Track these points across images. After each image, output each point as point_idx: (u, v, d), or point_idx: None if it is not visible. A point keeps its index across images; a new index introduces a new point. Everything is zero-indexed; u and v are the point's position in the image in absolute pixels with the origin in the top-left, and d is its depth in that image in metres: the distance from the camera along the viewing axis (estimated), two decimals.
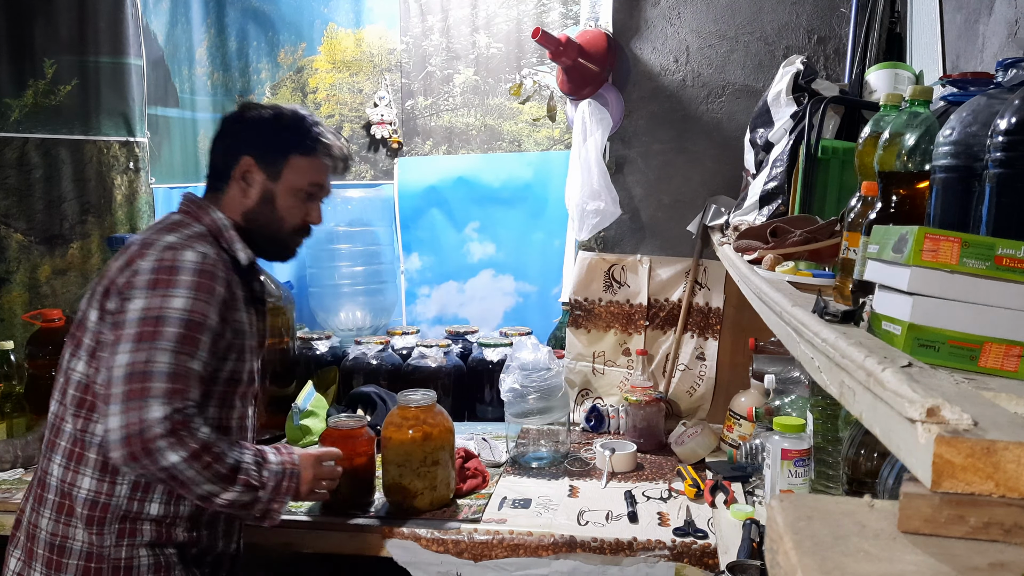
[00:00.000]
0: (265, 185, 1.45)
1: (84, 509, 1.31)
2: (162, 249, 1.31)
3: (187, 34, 2.77)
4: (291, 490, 1.37)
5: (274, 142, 1.45)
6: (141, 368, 1.22)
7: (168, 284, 1.27)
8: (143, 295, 1.26)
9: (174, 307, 1.26)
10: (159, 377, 1.22)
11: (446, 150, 2.71)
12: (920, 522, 0.46)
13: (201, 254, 1.31)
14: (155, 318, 1.25)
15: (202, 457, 1.23)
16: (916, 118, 0.85)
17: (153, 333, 1.24)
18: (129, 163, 2.59)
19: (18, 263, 2.57)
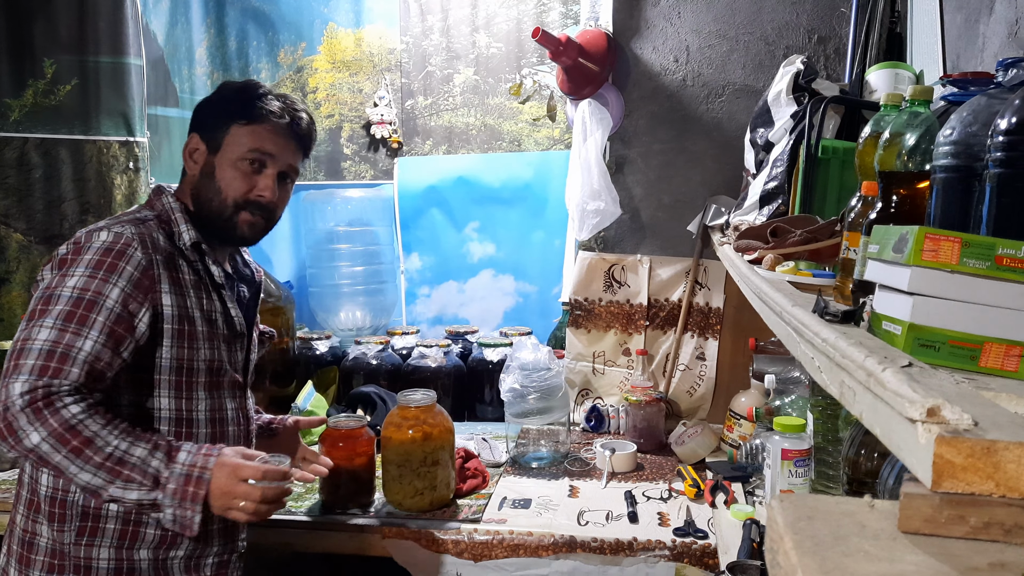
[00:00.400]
0: (207, 159, 1.40)
1: (47, 505, 1.28)
2: (84, 232, 1.28)
3: (187, 34, 2.77)
4: (198, 498, 1.19)
5: (215, 114, 1.41)
6: (20, 346, 1.18)
7: (71, 264, 1.24)
8: (47, 276, 1.25)
9: (67, 285, 1.21)
10: (33, 354, 1.16)
11: (446, 150, 2.71)
12: (920, 522, 0.46)
13: (116, 234, 1.26)
14: (48, 297, 1.21)
15: (67, 439, 1.13)
16: (916, 118, 0.85)
17: (42, 311, 1.20)
18: (129, 163, 2.59)
19: (18, 263, 2.57)
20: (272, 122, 1.39)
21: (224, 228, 1.40)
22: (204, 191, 1.39)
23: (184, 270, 1.34)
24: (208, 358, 1.36)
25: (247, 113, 1.38)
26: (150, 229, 1.32)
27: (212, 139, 1.39)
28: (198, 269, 1.38)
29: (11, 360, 1.17)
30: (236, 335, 1.43)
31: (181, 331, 1.32)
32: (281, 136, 1.41)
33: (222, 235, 1.42)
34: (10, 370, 1.16)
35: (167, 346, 1.31)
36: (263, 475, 1.23)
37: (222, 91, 1.45)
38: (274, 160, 1.40)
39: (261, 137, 1.39)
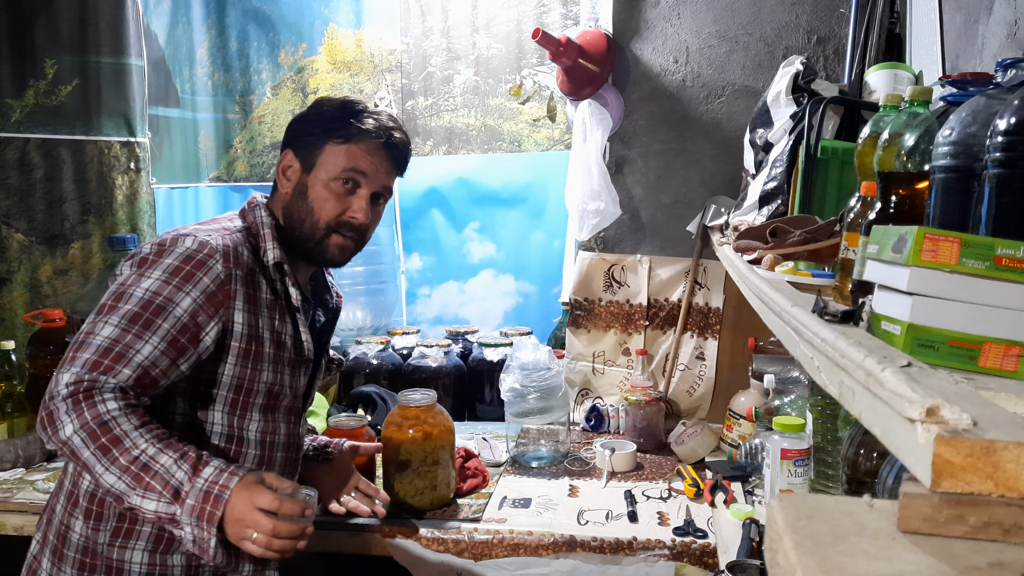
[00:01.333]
0: (300, 178, 1.36)
1: (85, 501, 1.26)
2: (172, 235, 1.25)
3: (188, 35, 2.77)
4: (214, 519, 1.10)
5: (311, 132, 1.37)
6: (81, 338, 1.16)
7: (151, 265, 1.21)
8: (126, 272, 1.23)
9: (140, 286, 1.19)
10: (90, 348, 1.14)
11: (446, 150, 2.71)
12: (919, 522, 0.47)
13: (200, 242, 1.23)
14: (120, 294, 1.19)
15: (97, 435, 1.09)
16: (915, 118, 0.85)
17: (111, 307, 1.18)
18: (130, 163, 2.59)
19: (19, 263, 2.57)
20: (368, 141, 1.36)
21: (314, 249, 1.37)
22: (296, 211, 1.36)
23: (263, 288, 1.31)
24: (269, 380, 1.33)
25: (342, 132, 1.34)
26: (236, 242, 1.28)
27: (306, 157, 1.36)
28: (276, 288, 1.34)
29: (70, 351, 1.15)
30: (302, 360, 1.39)
31: (248, 350, 1.28)
32: (376, 156, 1.37)
33: (310, 255, 1.39)
34: (66, 361, 1.14)
35: (231, 363, 1.28)
36: (279, 508, 1.11)
37: (319, 107, 1.40)
38: (368, 180, 1.37)
39: (356, 156, 1.35)
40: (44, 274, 2.59)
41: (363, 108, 1.39)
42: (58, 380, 1.12)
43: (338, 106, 1.38)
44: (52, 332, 2.18)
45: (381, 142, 1.37)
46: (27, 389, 2.17)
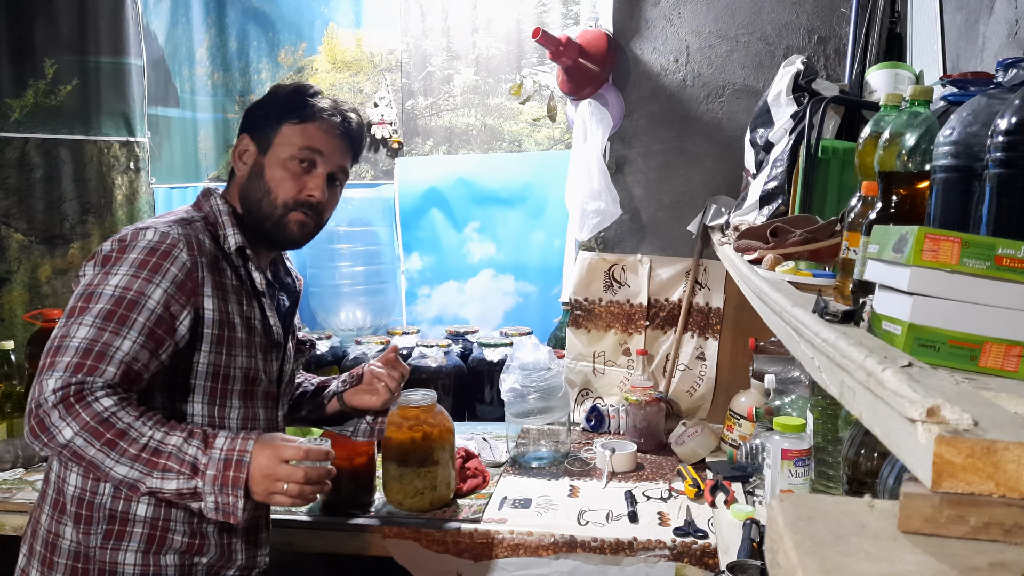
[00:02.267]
0: (256, 159, 1.37)
1: (73, 507, 1.25)
2: (131, 230, 1.26)
3: (187, 34, 2.77)
4: (239, 482, 1.14)
5: (265, 114, 1.39)
6: (57, 343, 1.16)
7: (115, 262, 1.21)
8: (90, 272, 1.23)
9: (109, 284, 1.19)
10: (70, 351, 1.14)
11: (446, 150, 2.71)
12: (920, 522, 0.46)
13: (162, 234, 1.23)
14: (89, 294, 1.19)
15: (100, 432, 1.11)
16: (916, 118, 0.85)
17: (82, 308, 1.17)
18: (129, 163, 2.59)
19: (18, 263, 2.57)
20: (322, 120, 1.37)
21: (273, 229, 1.38)
22: (253, 192, 1.37)
23: (227, 274, 1.31)
24: (244, 366, 1.33)
25: (298, 112, 1.36)
26: (196, 230, 1.28)
27: (262, 139, 1.37)
28: (240, 274, 1.35)
29: (47, 356, 1.15)
30: (273, 344, 1.40)
31: (220, 336, 1.29)
32: (331, 136, 1.38)
33: (271, 236, 1.39)
34: (45, 367, 1.14)
35: (205, 351, 1.28)
36: (305, 454, 1.17)
37: (274, 92, 1.42)
38: (324, 159, 1.38)
39: (311, 136, 1.36)
40: (43, 274, 2.59)
41: (317, 91, 1.40)
42: (43, 387, 1.11)
43: (293, 90, 1.40)
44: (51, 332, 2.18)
45: (336, 121, 1.39)
46: (27, 389, 2.17)
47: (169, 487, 1.13)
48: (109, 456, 1.11)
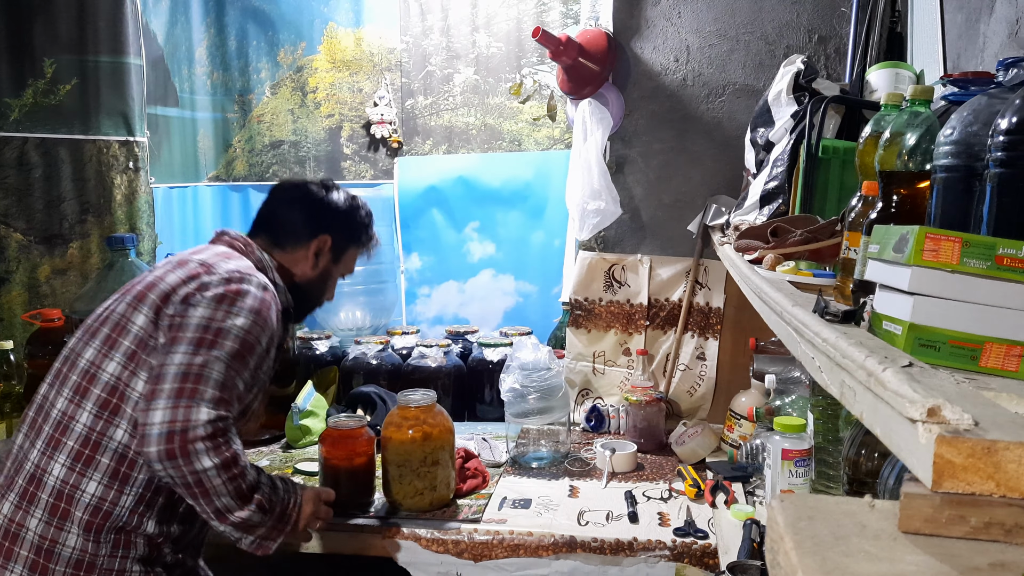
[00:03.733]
0: (327, 265, 1.58)
1: (84, 514, 1.26)
2: (229, 270, 1.37)
3: (187, 33, 2.77)
4: (291, 521, 1.38)
5: (349, 233, 1.61)
6: (196, 370, 1.25)
7: (233, 303, 1.32)
8: (208, 306, 1.31)
9: (236, 324, 1.31)
10: (211, 383, 1.25)
11: (446, 150, 2.70)
12: (921, 522, 0.46)
13: (263, 285, 1.39)
14: (217, 329, 1.29)
15: (231, 468, 1.25)
16: (917, 118, 0.85)
17: (212, 342, 1.28)
18: (129, 163, 2.59)
19: (18, 263, 2.57)
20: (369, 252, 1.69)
21: (302, 312, 1.62)
22: (313, 287, 1.58)
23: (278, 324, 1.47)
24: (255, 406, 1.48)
25: (363, 241, 1.65)
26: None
27: (337, 251, 1.59)
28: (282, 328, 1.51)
29: (186, 382, 1.24)
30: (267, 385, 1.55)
31: (264, 381, 1.45)
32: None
33: (295, 312, 1.58)
34: (188, 392, 1.23)
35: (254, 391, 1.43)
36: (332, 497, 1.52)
37: (360, 210, 1.64)
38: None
39: (357, 260, 1.67)
40: (43, 274, 2.59)
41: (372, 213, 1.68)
42: (194, 416, 1.22)
43: (368, 214, 1.66)
44: (50, 332, 2.18)
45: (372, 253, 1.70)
46: (26, 389, 2.17)
47: (250, 520, 1.31)
48: (226, 488, 1.25)
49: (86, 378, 1.32)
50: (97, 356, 1.33)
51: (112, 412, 1.30)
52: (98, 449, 1.29)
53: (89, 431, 1.29)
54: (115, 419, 1.30)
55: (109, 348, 1.33)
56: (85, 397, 1.31)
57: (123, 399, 1.30)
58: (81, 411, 1.30)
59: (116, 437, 1.29)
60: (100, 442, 1.29)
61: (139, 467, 1.29)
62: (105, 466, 1.28)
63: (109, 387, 1.30)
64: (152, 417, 1.21)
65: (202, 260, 1.39)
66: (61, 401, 1.33)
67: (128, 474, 1.29)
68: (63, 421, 1.31)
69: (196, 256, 1.42)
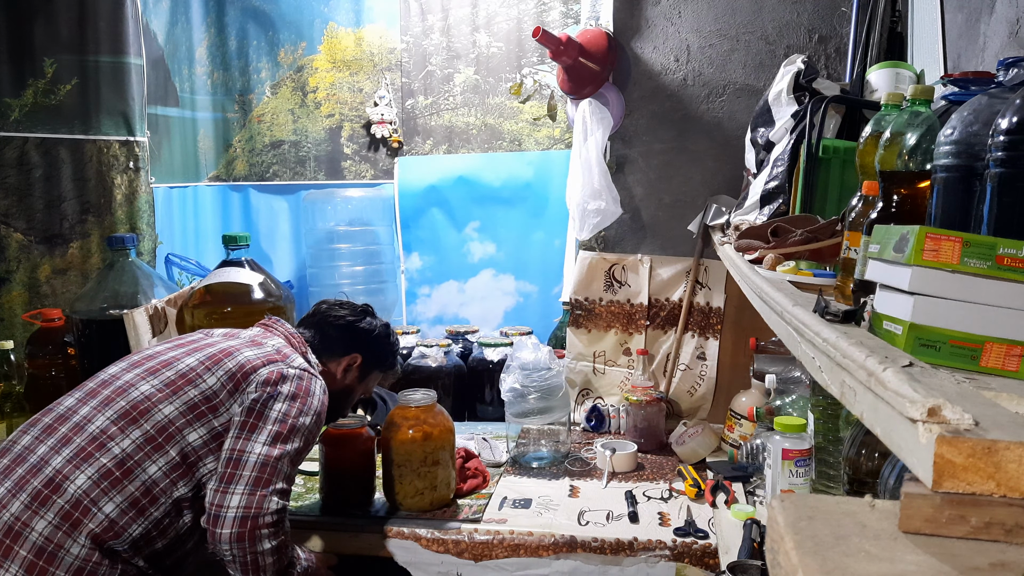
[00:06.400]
0: (353, 382, 1.70)
1: (97, 528, 1.28)
2: (302, 368, 1.50)
3: (187, 33, 2.77)
4: None
5: (377, 359, 1.73)
6: (274, 463, 1.37)
7: (304, 402, 1.45)
8: (287, 402, 1.43)
9: (305, 423, 1.43)
10: (282, 476, 1.38)
11: (446, 149, 2.70)
12: (921, 522, 0.46)
13: (323, 388, 1.52)
14: (292, 425, 1.41)
15: (282, 552, 1.38)
16: (917, 117, 0.85)
17: (288, 437, 1.40)
18: (129, 162, 2.59)
19: (18, 263, 2.57)
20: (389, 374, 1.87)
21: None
22: (338, 398, 1.68)
23: None
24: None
25: (387, 367, 1.79)
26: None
27: (364, 371, 1.72)
28: None
29: (264, 472, 1.36)
30: None
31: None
32: None
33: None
34: (264, 482, 1.36)
35: None
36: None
37: (390, 343, 1.77)
38: None
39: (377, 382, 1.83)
40: (43, 274, 2.59)
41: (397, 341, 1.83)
42: (265, 505, 1.35)
43: (396, 342, 1.81)
44: (51, 332, 2.18)
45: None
46: (26, 389, 2.17)
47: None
48: (273, 565, 1.37)
49: (137, 410, 1.38)
50: (156, 394, 1.40)
51: (155, 449, 1.35)
52: (129, 475, 1.32)
53: (127, 457, 1.33)
54: (155, 455, 1.35)
55: (172, 392, 1.40)
56: (133, 424, 1.36)
57: (168, 440, 1.37)
58: (124, 437, 1.35)
59: (150, 472, 1.34)
60: (133, 470, 1.33)
61: (159, 505, 1.34)
62: (129, 493, 1.32)
63: (160, 426, 1.37)
64: (230, 500, 1.33)
65: (276, 347, 1.53)
66: (101, 420, 1.37)
67: (146, 507, 1.33)
68: (100, 438, 1.34)
69: (267, 340, 1.55)
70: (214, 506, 1.33)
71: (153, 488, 1.33)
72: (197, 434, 1.38)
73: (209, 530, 1.34)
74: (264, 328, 1.62)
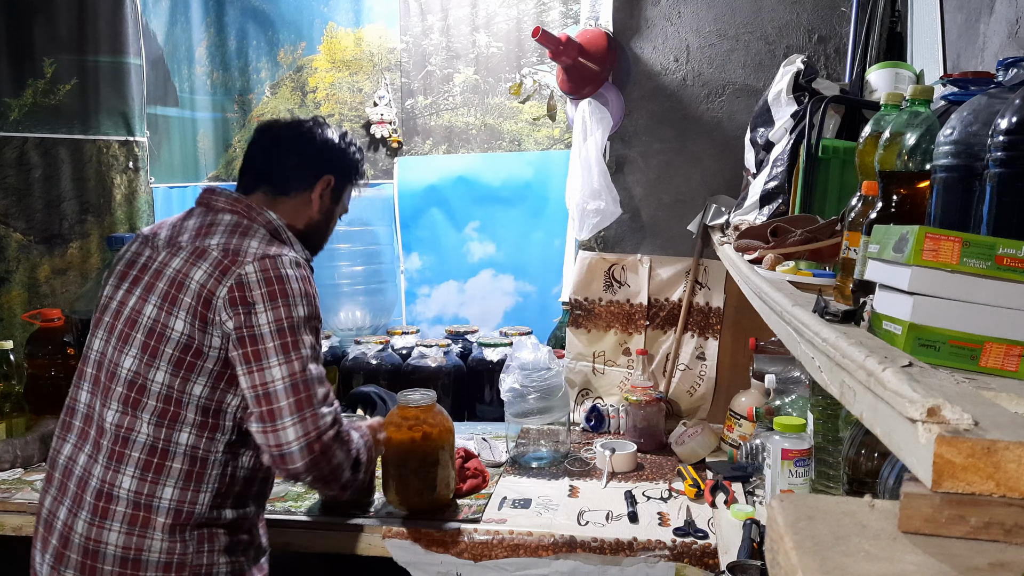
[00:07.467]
0: (330, 205, 1.55)
1: (167, 519, 1.28)
2: (257, 257, 1.32)
3: (187, 33, 2.77)
4: (372, 460, 1.48)
5: (348, 171, 1.57)
6: (300, 377, 1.28)
7: (284, 294, 1.30)
8: (266, 307, 1.29)
9: (300, 315, 1.31)
10: (316, 382, 1.29)
11: (446, 149, 2.70)
12: (921, 522, 0.46)
13: (294, 261, 1.36)
14: (291, 327, 1.29)
15: (350, 450, 1.34)
16: (917, 117, 0.85)
17: (295, 341, 1.29)
18: (128, 162, 2.59)
19: (17, 263, 2.57)
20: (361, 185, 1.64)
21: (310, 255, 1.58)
22: (318, 230, 1.55)
23: None
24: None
25: (358, 180, 1.62)
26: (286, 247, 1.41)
27: (338, 191, 1.56)
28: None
29: (298, 392, 1.27)
30: None
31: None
32: None
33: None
34: (305, 401, 1.27)
35: None
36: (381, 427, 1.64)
37: (354, 148, 1.59)
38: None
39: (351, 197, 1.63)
40: (43, 274, 2.59)
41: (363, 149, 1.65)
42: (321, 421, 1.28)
43: (361, 149, 1.63)
44: (50, 332, 2.18)
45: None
46: (25, 389, 2.17)
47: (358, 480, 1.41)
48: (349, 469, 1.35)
49: (134, 390, 1.30)
50: (141, 366, 1.31)
51: (172, 419, 1.30)
52: (167, 456, 1.29)
53: (154, 440, 1.29)
54: (176, 424, 1.30)
55: (152, 357, 1.30)
56: (139, 408, 1.30)
57: (180, 405, 1.30)
58: (139, 422, 1.30)
59: (183, 441, 1.30)
60: (168, 449, 1.30)
61: (211, 463, 1.31)
62: (177, 471, 1.30)
63: (163, 396, 1.30)
64: (284, 436, 1.25)
65: (223, 246, 1.33)
66: (111, 413, 1.31)
67: (202, 473, 1.31)
68: (121, 434, 1.30)
69: (210, 239, 1.35)
70: (272, 447, 1.26)
71: (196, 453, 1.30)
72: (200, 385, 1.30)
73: (280, 469, 1.28)
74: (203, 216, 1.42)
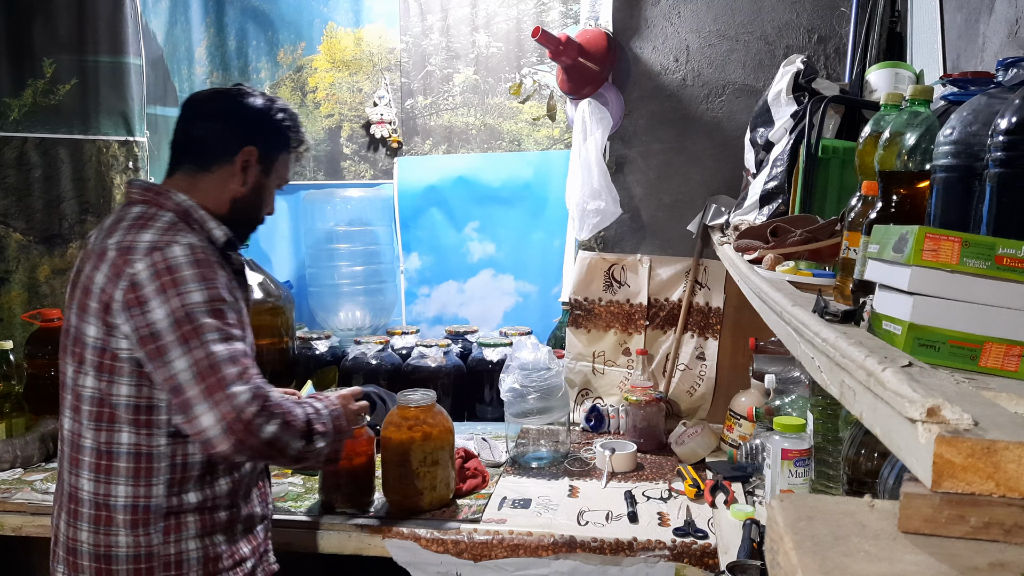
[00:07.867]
0: (259, 177, 1.46)
1: (126, 515, 1.32)
2: (146, 252, 1.28)
3: (186, 33, 2.76)
4: (342, 428, 1.43)
5: (275, 138, 1.48)
6: (205, 363, 1.24)
7: (174, 284, 1.26)
8: (158, 302, 1.26)
9: (196, 301, 1.26)
10: (224, 365, 1.25)
11: (446, 149, 2.70)
12: (920, 522, 0.46)
13: (186, 246, 1.30)
14: (186, 317, 1.25)
15: (287, 421, 1.28)
16: (916, 117, 0.85)
17: (194, 331, 1.25)
18: (128, 163, 2.59)
19: (17, 263, 2.57)
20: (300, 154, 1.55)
21: (247, 231, 1.54)
22: (248, 204, 1.47)
23: (224, 265, 1.39)
24: (252, 342, 1.42)
25: (293, 144, 1.51)
26: (190, 232, 1.35)
27: (267, 161, 1.47)
28: (231, 261, 1.44)
29: (206, 379, 1.23)
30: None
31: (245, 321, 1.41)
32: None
33: (241, 235, 1.52)
34: (213, 386, 1.23)
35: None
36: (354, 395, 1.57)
37: (281, 111, 1.49)
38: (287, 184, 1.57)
39: (291, 166, 1.54)
40: (42, 274, 2.58)
41: (296, 114, 1.54)
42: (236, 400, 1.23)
43: (292, 114, 1.52)
44: (50, 332, 2.18)
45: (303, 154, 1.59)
46: (25, 389, 2.17)
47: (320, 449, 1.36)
48: (292, 438, 1.29)
49: (74, 395, 1.36)
50: (74, 373, 1.35)
51: (109, 421, 1.33)
52: (112, 457, 1.33)
53: (98, 443, 1.34)
54: (114, 426, 1.33)
55: (79, 363, 1.34)
56: (79, 414, 1.35)
57: (112, 407, 1.32)
58: (82, 427, 1.35)
59: (123, 440, 1.33)
60: (111, 450, 1.33)
61: (159, 458, 1.33)
62: (125, 469, 1.33)
63: (96, 400, 1.33)
64: (201, 424, 1.23)
65: (120, 244, 1.30)
66: (66, 421, 1.39)
67: (150, 468, 1.33)
68: (73, 439, 1.37)
69: (112, 238, 1.32)
70: (195, 435, 1.25)
71: (139, 450, 1.32)
72: (125, 386, 1.31)
73: (212, 454, 1.28)
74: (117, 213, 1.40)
